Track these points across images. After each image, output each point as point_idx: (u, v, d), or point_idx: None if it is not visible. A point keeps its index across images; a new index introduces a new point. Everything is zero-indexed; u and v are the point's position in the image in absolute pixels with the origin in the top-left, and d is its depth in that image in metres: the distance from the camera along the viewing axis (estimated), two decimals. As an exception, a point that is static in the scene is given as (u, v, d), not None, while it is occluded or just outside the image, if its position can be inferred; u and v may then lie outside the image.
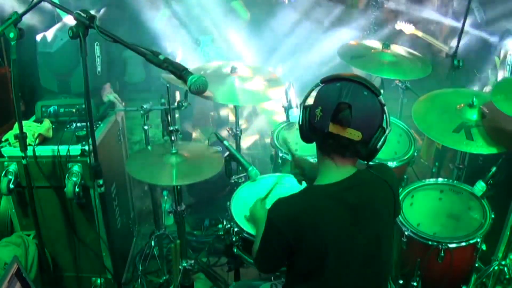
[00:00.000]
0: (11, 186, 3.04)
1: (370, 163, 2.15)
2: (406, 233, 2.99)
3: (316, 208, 2.04)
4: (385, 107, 2.02)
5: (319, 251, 2.03)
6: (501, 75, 3.94)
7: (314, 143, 2.15)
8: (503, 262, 3.27)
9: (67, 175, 3.09)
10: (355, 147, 2.02)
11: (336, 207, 2.04)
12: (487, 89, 3.89)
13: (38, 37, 3.31)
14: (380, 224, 2.14)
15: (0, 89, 3.71)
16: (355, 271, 2.09)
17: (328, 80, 2.05)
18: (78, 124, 3.31)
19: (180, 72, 2.37)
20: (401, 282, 3.16)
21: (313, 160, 2.58)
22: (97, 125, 3.41)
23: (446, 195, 3.31)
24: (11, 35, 2.39)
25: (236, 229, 2.88)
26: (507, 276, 3.29)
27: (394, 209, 2.21)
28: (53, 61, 3.31)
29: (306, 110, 2.09)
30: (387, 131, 2.02)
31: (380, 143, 2.01)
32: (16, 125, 2.84)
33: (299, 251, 2.05)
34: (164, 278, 3.79)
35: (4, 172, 3.07)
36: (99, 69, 3.42)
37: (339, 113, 1.94)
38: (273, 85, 3.64)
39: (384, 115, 2.03)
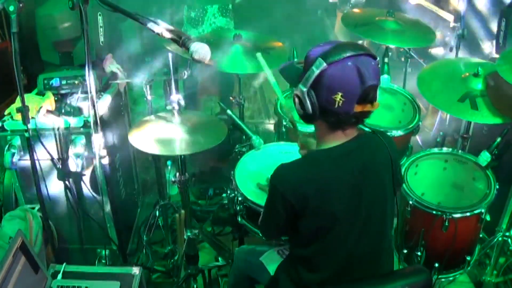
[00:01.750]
0: (15, 159, 3.05)
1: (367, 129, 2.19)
2: (410, 202, 2.99)
3: (320, 173, 2.05)
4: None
5: (324, 215, 2.06)
6: None
7: None
8: (507, 234, 3.28)
9: (70, 147, 3.08)
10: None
11: (340, 170, 2.06)
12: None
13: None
14: (382, 186, 2.15)
15: (1, 63, 3.69)
16: (357, 233, 2.11)
17: (334, 61, 1.93)
18: (81, 96, 3.29)
19: (182, 40, 2.33)
20: (405, 251, 3.17)
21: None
22: (100, 96, 3.38)
23: (450, 165, 3.30)
24: (11, 8, 2.35)
25: (240, 198, 2.89)
26: (510, 248, 3.30)
27: (392, 176, 2.17)
28: (54, 25, 3.28)
29: (310, 94, 1.99)
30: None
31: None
32: (18, 99, 2.82)
33: (303, 215, 2.07)
34: (169, 248, 3.83)
35: (7, 146, 3.06)
36: (102, 39, 3.40)
37: (368, 96, 1.96)
38: (277, 53, 3.61)
39: None
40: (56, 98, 3.25)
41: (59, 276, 2.62)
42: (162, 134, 2.98)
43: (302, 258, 2.23)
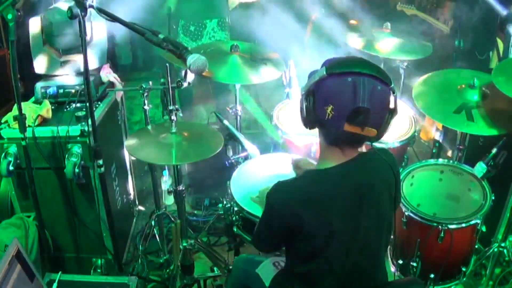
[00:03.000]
0: (11, 167, 3.03)
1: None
2: (406, 213, 2.99)
3: (318, 193, 2.02)
4: (396, 94, 1.99)
5: (321, 235, 2.03)
6: None
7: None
8: (502, 244, 3.27)
9: (66, 155, 3.08)
10: (368, 139, 2.01)
11: (338, 191, 2.03)
12: None
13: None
14: (381, 205, 2.13)
15: (-1, 71, 3.70)
16: (355, 252, 2.09)
17: (337, 74, 1.93)
18: (78, 105, 3.30)
19: (180, 51, 2.35)
20: (401, 262, 3.17)
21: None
22: (97, 106, 3.39)
23: (446, 176, 3.30)
24: (9, 16, 2.36)
25: (236, 209, 2.90)
26: (506, 258, 3.30)
27: (395, 193, 2.19)
28: (55, 32, 3.30)
29: (309, 99, 2.01)
30: (395, 114, 2.00)
31: (388, 127, 2.01)
32: (15, 107, 2.82)
33: (300, 234, 2.04)
34: (165, 258, 3.82)
35: (3, 154, 3.06)
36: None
37: (357, 117, 1.90)
38: (274, 64, 3.62)
39: (394, 100, 1.99)
40: (53, 107, 3.25)
41: (55, 285, 2.62)
42: (158, 144, 2.99)
43: (299, 274, 2.20)
